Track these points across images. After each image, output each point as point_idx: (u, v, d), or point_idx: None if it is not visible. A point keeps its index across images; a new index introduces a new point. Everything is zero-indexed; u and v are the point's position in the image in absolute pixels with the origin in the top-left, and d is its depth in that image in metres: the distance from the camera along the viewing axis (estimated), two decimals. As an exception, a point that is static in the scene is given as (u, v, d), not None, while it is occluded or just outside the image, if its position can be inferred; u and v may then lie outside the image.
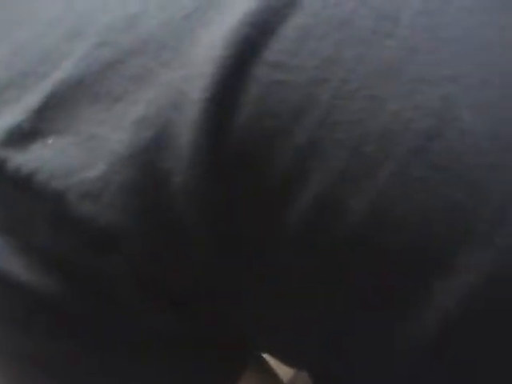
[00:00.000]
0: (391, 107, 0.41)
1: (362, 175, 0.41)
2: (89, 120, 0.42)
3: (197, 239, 0.43)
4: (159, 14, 0.43)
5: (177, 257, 0.43)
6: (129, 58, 0.43)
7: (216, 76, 0.41)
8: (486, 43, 0.43)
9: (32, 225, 0.42)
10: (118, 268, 0.42)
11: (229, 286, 0.44)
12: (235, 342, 0.48)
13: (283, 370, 0.59)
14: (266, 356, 0.54)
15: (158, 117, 0.41)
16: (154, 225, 0.42)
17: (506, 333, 0.42)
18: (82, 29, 0.44)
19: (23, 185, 0.42)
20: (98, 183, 0.41)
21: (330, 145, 0.41)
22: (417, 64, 0.42)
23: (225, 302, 0.45)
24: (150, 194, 0.42)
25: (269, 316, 0.46)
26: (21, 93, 0.43)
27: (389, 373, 0.45)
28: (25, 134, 0.42)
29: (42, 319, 0.44)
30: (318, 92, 0.41)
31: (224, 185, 0.42)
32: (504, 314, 0.42)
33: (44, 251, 0.43)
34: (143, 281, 0.43)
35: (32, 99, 0.42)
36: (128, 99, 0.42)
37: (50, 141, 0.42)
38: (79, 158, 0.42)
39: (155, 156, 0.41)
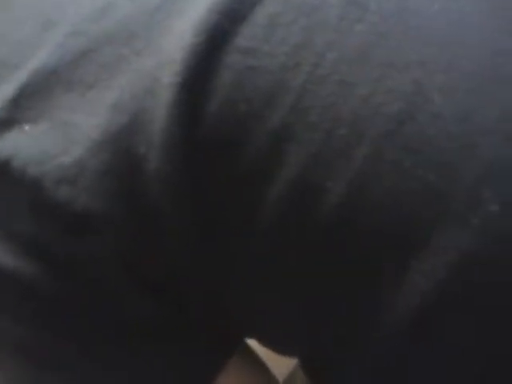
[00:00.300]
0: (361, 92, 0.42)
1: (336, 158, 0.42)
2: (63, 107, 0.43)
3: (170, 228, 0.43)
4: (130, 5, 0.44)
5: (151, 244, 0.44)
6: (101, 47, 0.44)
7: (187, 62, 0.41)
8: (451, 28, 0.44)
9: (12, 212, 0.43)
10: (103, 251, 0.43)
11: (213, 271, 0.45)
12: (222, 328, 0.49)
13: (279, 369, 0.59)
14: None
15: (131, 102, 0.42)
16: (129, 211, 0.43)
17: (483, 317, 0.42)
18: (54, 20, 0.45)
19: (0, 172, 0.43)
20: (74, 168, 0.42)
21: (304, 128, 0.42)
22: (386, 49, 0.43)
23: (211, 287, 0.46)
24: (125, 179, 0.42)
25: (257, 298, 0.46)
26: None
27: (367, 359, 0.45)
28: (1, 123, 0.43)
29: (30, 306, 0.45)
30: (289, 77, 0.42)
31: (198, 173, 0.43)
32: (481, 298, 0.42)
33: (27, 238, 0.43)
34: (128, 263, 0.44)
35: (7, 89, 0.43)
36: (101, 86, 0.43)
37: (25, 128, 0.43)
38: (54, 144, 0.42)
39: (129, 141, 0.42)
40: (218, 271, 0.45)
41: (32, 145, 0.43)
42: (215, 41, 0.42)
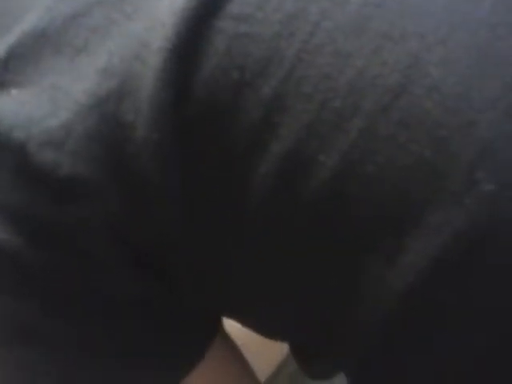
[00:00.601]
0: (357, 63, 0.41)
1: (330, 130, 0.41)
2: (51, 71, 0.42)
3: (158, 198, 0.42)
4: None
5: (140, 213, 0.43)
6: (92, 10, 0.43)
7: (177, 27, 0.41)
8: (449, 0, 0.43)
9: None
10: (91, 220, 0.42)
11: (204, 244, 0.44)
12: (207, 310, 0.48)
13: (263, 367, 0.58)
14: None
15: (120, 67, 0.41)
16: (117, 178, 0.42)
17: (477, 297, 0.41)
18: None
19: None
20: (60, 132, 0.41)
21: (297, 99, 0.41)
22: (382, 20, 0.42)
23: (201, 261, 0.45)
24: (112, 146, 0.41)
25: (250, 274, 0.45)
26: None
27: (360, 338, 0.44)
28: None
29: (17, 279, 0.44)
30: (283, 46, 0.41)
31: (187, 143, 0.42)
32: (475, 277, 0.41)
33: (13, 207, 0.42)
34: (118, 232, 0.43)
35: None
36: (91, 50, 0.42)
37: (13, 91, 0.42)
38: (41, 107, 0.42)
39: (117, 107, 0.41)
40: (210, 244, 0.44)
41: (19, 109, 0.42)
42: (207, 6, 0.41)
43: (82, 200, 0.42)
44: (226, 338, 0.52)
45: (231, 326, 0.52)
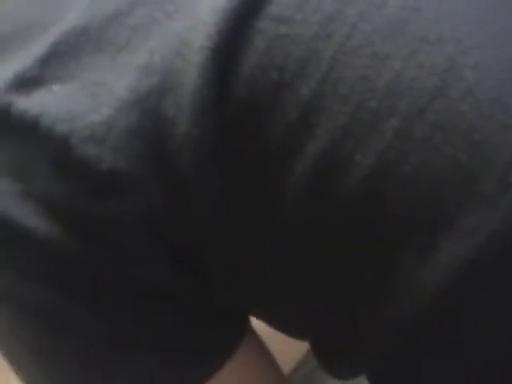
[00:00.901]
0: (395, 65, 0.42)
1: (366, 130, 0.41)
2: (93, 68, 0.43)
3: (197, 195, 0.42)
4: None
5: (180, 210, 0.43)
6: (133, 9, 0.43)
7: (218, 26, 0.41)
8: (485, 4, 0.43)
9: (36, 170, 0.42)
10: (130, 214, 0.42)
11: (244, 245, 0.44)
12: (238, 311, 0.49)
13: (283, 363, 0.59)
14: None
15: (161, 64, 0.42)
16: (158, 174, 0.42)
17: (507, 299, 0.42)
18: None
19: (28, 128, 0.42)
20: (102, 127, 0.41)
21: (334, 100, 0.42)
22: (419, 24, 0.42)
23: (237, 259, 0.45)
24: (153, 142, 0.42)
25: (283, 275, 0.46)
26: (28, 42, 0.44)
27: (387, 338, 0.44)
28: (31, 81, 0.42)
29: (48, 268, 0.44)
30: (321, 47, 0.42)
31: (227, 140, 0.42)
32: (506, 278, 0.42)
33: (52, 199, 0.42)
34: (156, 228, 0.43)
35: (38, 48, 0.43)
36: (132, 48, 0.42)
37: (55, 87, 0.42)
38: (84, 103, 0.42)
39: (158, 103, 0.41)
40: (247, 242, 0.44)
41: (61, 103, 0.42)
42: (248, 7, 0.42)
43: (123, 194, 0.42)
44: (254, 334, 0.52)
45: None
